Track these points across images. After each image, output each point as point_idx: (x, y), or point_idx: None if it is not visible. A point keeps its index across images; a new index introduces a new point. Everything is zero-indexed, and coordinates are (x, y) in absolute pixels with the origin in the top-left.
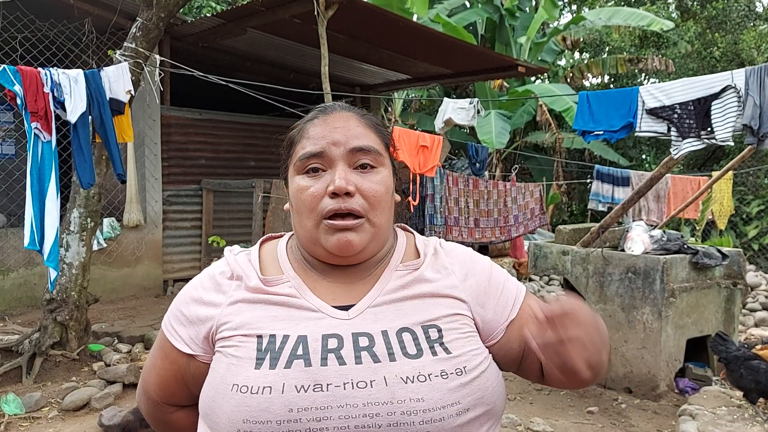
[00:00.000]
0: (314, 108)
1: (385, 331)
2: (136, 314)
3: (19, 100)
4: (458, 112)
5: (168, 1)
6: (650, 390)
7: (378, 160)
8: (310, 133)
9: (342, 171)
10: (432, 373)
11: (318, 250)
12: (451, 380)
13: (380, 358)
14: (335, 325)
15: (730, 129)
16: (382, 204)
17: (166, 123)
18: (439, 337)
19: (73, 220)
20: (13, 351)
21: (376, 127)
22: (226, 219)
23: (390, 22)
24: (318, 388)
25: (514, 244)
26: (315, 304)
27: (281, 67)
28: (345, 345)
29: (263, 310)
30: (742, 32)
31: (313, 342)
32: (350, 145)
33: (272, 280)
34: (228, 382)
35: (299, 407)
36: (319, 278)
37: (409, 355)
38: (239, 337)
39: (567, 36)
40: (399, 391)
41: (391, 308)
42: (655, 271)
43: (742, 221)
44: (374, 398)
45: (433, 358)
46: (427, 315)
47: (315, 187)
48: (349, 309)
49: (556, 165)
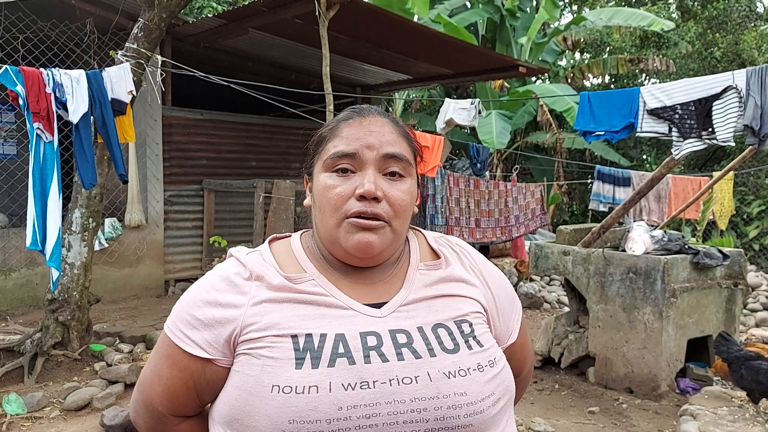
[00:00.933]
0: (348, 108)
1: (421, 327)
2: (137, 314)
3: (21, 100)
4: (459, 112)
5: (169, 2)
6: (651, 390)
7: (407, 170)
8: (344, 133)
9: (372, 175)
10: (470, 367)
11: (337, 249)
12: (486, 373)
13: (421, 354)
14: (371, 323)
15: (731, 129)
16: (407, 213)
17: (167, 123)
18: (471, 332)
19: (75, 220)
20: (15, 351)
21: (408, 137)
22: (228, 219)
23: (391, 22)
24: (365, 386)
25: (515, 244)
26: (345, 302)
27: (282, 68)
28: (384, 342)
29: (292, 309)
30: (742, 32)
31: (352, 340)
32: (383, 150)
33: (296, 278)
34: (266, 383)
35: (348, 405)
36: (340, 277)
37: (447, 350)
38: (271, 338)
39: (568, 36)
40: (443, 386)
41: (421, 305)
42: (656, 272)
43: (742, 221)
44: (420, 393)
45: (470, 352)
46: (457, 311)
47: (343, 187)
48: (380, 307)
49: (557, 165)
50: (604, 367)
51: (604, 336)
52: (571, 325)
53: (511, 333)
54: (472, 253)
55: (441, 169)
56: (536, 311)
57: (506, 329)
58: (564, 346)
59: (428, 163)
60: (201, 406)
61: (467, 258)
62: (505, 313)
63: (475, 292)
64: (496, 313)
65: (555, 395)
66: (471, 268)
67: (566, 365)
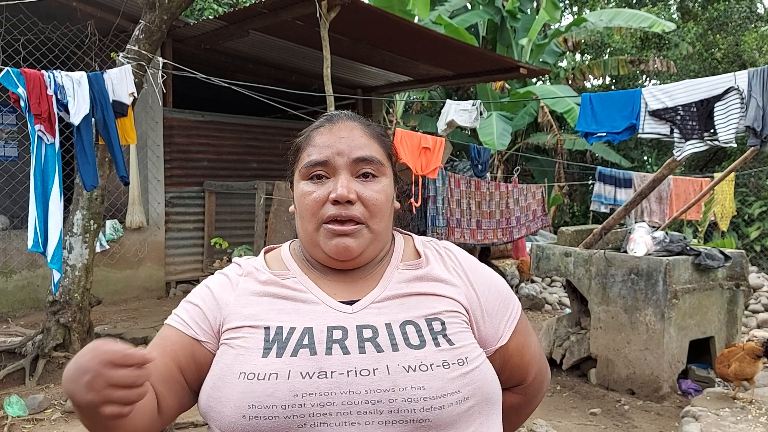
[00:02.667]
0: (321, 115)
1: (389, 323)
2: (138, 316)
3: (23, 102)
4: (461, 113)
5: (170, 4)
6: (653, 391)
7: (379, 170)
8: (315, 141)
9: (344, 179)
10: (434, 363)
11: (318, 253)
12: (453, 370)
13: (383, 348)
14: (340, 318)
15: (733, 130)
16: (382, 212)
17: (168, 125)
18: (442, 329)
19: (76, 222)
20: (17, 353)
21: (380, 137)
22: (229, 221)
23: (391, 23)
24: (323, 375)
25: (516, 245)
26: (320, 298)
27: (283, 69)
28: (349, 336)
29: (270, 304)
30: (743, 34)
31: (318, 333)
32: (354, 155)
33: (280, 275)
34: (235, 371)
35: (304, 393)
36: (321, 276)
37: (412, 346)
38: (247, 329)
39: (568, 37)
40: (401, 379)
41: (395, 303)
42: (658, 273)
43: (744, 223)
44: (376, 385)
45: (436, 349)
46: (431, 309)
47: (318, 193)
48: (353, 304)
49: (558, 166)
50: (606, 368)
51: (606, 337)
52: (573, 326)
53: (501, 336)
54: (459, 255)
55: (442, 170)
56: (537, 313)
57: (494, 331)
58: (565, 347)
59: (429, 164)
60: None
61: (451, 259)
62: (494, 315)
63: (454, 292)
64: (480, 314)
65: (556, 397)
66: (453, 269)
67: (568, 367)
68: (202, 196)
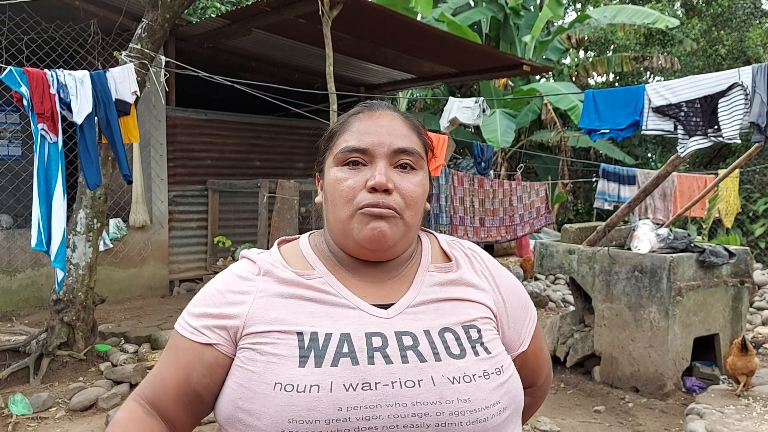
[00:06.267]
0: (358, 104)
1: (428, 330)
2: (142, 314)
3: (26, 101)
4: (464, 111)
5: (173, 2)
6: (657, 389)
7: (418, 163)
8: (354, 128)
9: (383, 167)
10: (476, 374)
11: (349, 242)
12: (492, 380)
13: (426, 358)
14: (377, 324)
15: (737, 127)
16: (418, 205)
17: (171, 124)
18: (479, 338)
19: (80, 220)
20: (21, 351)
21: (418, 130)
22: (232, 219)
23: (394, 21)
24: (366, 387)
25: (520, 243)
26: (353, 302)
27: (286, 68)
28: (389, 344)
29: (298, 306)
30: (747, 29)
31: (357, 340)
32: (395, 145)
33: (305, 274)
34: (269, 380)
35: (348, 406)
36: (348, 276)
37: (453, 355)
38: (276, 334)
39: (572, 34)
40: (447, 392)
41: (430, 308)
42: (662, 270)
43: (748, 219)
44: (423, 398)
45: (476, 359)
46: (466, 316)
47: (354, 179)
48: (387, 308)
49: (562, 164)
50: (610, 365)
51: (610, 335)
52: (577, 323)
53: (522, 341)
54: (485, 258)
55: (445, 168)
56: (541, 310)
57: (517, 337)
58: (569, 345)
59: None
60: (190, 403)
61: (479, 262)
62: (517, 321)
63: (485, 297)
64: (506, 319)
65: (560, 394)
66: (482, 273)
67: (572, 364)
68: (205, 194)
